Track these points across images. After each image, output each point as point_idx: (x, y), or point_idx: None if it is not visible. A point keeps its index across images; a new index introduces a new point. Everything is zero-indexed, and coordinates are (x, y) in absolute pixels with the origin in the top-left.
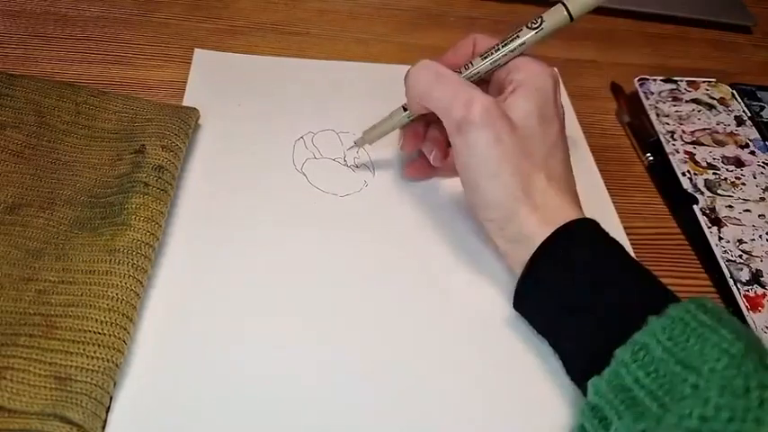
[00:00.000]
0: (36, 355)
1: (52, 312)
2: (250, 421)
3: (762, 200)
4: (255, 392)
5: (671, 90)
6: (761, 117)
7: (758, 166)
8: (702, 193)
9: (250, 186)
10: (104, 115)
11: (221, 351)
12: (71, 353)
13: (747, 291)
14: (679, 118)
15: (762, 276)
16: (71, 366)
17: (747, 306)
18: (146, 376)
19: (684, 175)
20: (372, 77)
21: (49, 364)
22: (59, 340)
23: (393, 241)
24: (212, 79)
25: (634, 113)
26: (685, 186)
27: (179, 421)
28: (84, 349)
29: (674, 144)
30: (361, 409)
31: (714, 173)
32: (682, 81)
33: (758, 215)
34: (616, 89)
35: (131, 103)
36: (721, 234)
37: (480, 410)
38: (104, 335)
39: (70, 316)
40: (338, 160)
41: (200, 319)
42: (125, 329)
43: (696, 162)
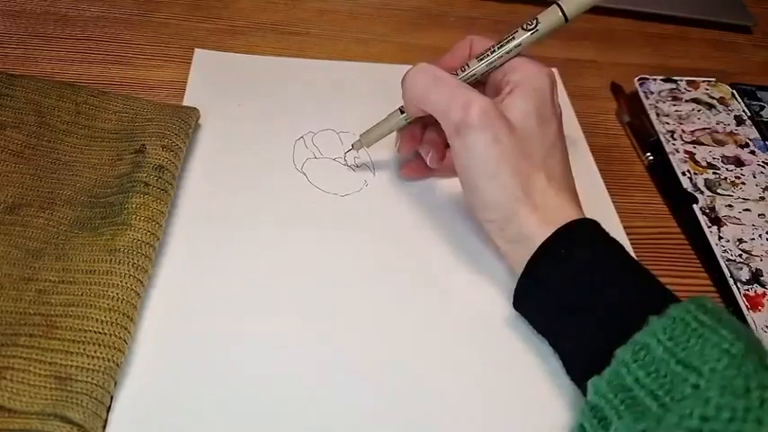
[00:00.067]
0: (36, 354)
1: (52, 312)
2: (250, 421)
3: (761, 199)
4: (256, 392)
5: (671, 90)
6: (761, 117)
7: (758, 165)
8: (702, 192)
9: (250, 186)
10: (104, 115)
11: (221, 351)
12: (71, 352)
13: (747, 290)
14: (679, 118)
15: (762, 276)
16: (71, 366)
17: (747, 305)
18: (146, 376)
19: (684, 174)
20: (373, 77)
21: (50, 363)
22: (60, 340)
23: (393, 241)
24: (212, 79)
25: (634, 113)
26: (685, 186)
27: (179, 421)
28: (85, 349)
29: (673, 144)
30: (361, 409)
31: (714, 172)
32: (681, 81)
33: (758, 214)
34: (616, 89)
35: (131, 103)
36: (721, 233)
37: (480, 410)
38: (105, 334)
39: (70, 316)
40: (338, 160)
41: (201, 319)
42: (126, 329)
43: (696, 162)
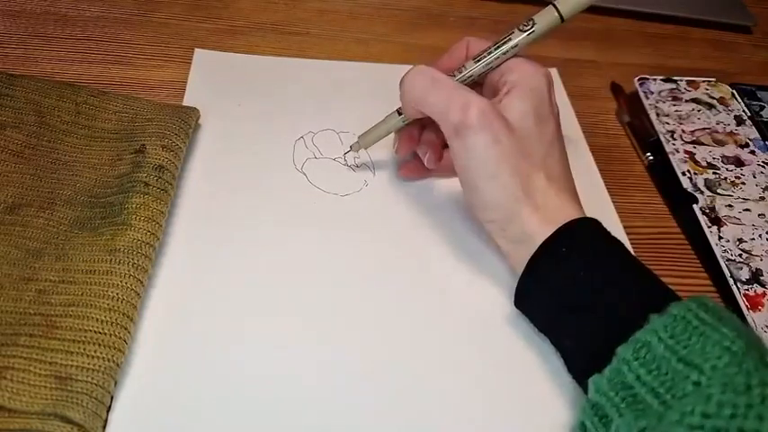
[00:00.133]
0: (36, 354)
1: (52, 312)
2: (250, 421)
3: (761, 199)
4: (256, 392)
5: (671, 90)
6: (761, 117)
7: (758, 165)
8: (702, 192)
9: (250, 186)
10: (104, 115)
11: (221, 351)
12: (72, 352)
13: (747, 290)
14: (679, 118)
15: (761, 275)
16: (72, 366)
17: (747, 305)
18: (146, 376)
19: (684, 174)
20: (373, 77)
21: (50, 363)
22: (60, 340)
23: (393, 241)
24: (212, 79)
25: (634, 113)
26: (685, 186)
27: (179, 421)
28: (85, 349)
29: (673, 144)
30: (361, 409)
31: (714, 172)
32: (681, 81)
33: (758, 214)
34: (616, 89)
35: (131, 103)
36: (721, 233)
37: (480, 410)
38: (105, 334)
39: (70, 316)
40: (338, 160)
41: (201, 319)
42: (126, 329)
43: (696, 162)
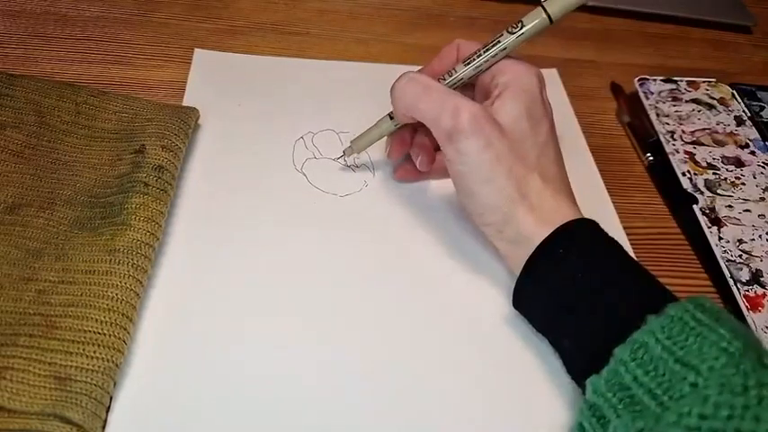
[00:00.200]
0: (36, 355)
1: (52, 312)
2: (250, 421)
3: (762, 200)
4: (255, 392)
5: (671, 90)
6: (761, 117)
7: (758, 166)
8: (702, 192)
9: (250, 186)
10: (104, 115)
11: (221, 351)
12: (71, 353)
13: (747, 291)
14: (679, 118)
15: (762, 276)
16: (71, 366)
17: (747, 306)
18: (146, 376)
19: (684, 175)
20: (372, 77)
21: (49, 364)
22: (59, 340)
23: (393, 241)
24: (212, 79)
25: (634, 113)
26: (685, 186)
27: (179, 421)
28: (84, 349)
29: (673, 144)
30: (361, 409)
31: (714, 173)
32: (682, 81)
33: (758, 215)
34: (616, 89)
35: (131, 103)
36: (721, 234)
37: (480, 410)
38: (104, 335)
39: (70, 316)
40: (338, 160)
41: (200, 319)
42: (125, 329)
43: (696, 162)
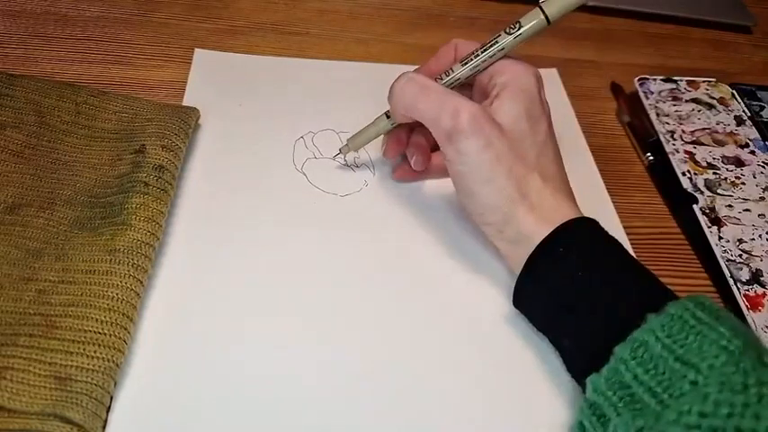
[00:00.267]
0: (36, 354)
1: (52, 312)
2: (250, 421)
3: (761, 199)
4: (255, 392)
5: (671, 90)
6: (761, 117)
7: (758, 165)
8: (702, 192)
9: (250, 186)
10: (104, 115)
11: (221, 351)
12: (71, 353)
13: (747, 290)
14: (679, 118)
15: (761, 276)
16: (71, 366)
17: (747, 305)
18: (146, 376)
19: (684, 174)
20: (372, 77)
21: (50, 363)
22: (59, 340)
23: (393, 241)
24: (212, 79)
25: (634, 113)
26: (685, 186)
27: (179, 421)
28: (85, 349)
29: (673, 144)
30: (361, 409)
31: (714, 172)
32: (681, 81)
33: (758, 215)
34: (616, 89)
35: (131, 103)
36: (721, 234)
37: (479, 410)
38: (105, 334)
39: (70, 316)
40: (338, 160)
41: (200, 319)
42: (125, 329)
43: (696, 162)
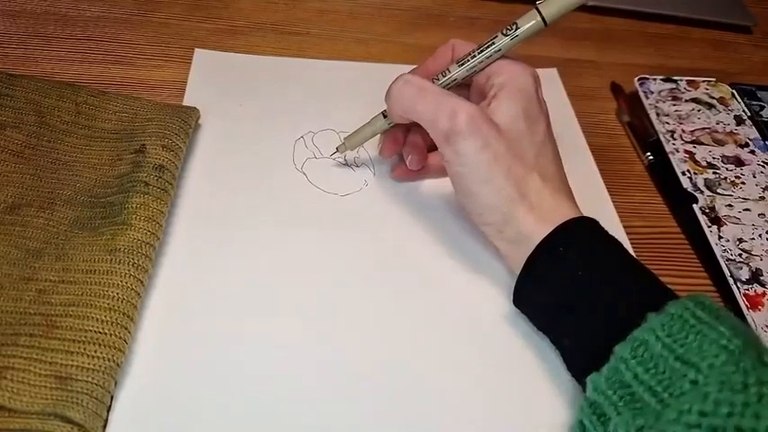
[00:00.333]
0: (36, 354)
1: (53, 312)
2: (250, 421)
3: (761, 199)
4: (255, 392)
5: (671, 89)
6: (760, 117)
7: (758, 165)
8: (702, 192)
9: (250, 186)
10: (104, 115)
11: (221, 351)
12: (72, 352)
13: (747, 290)
14: (679, 117)
15: (761, 275)
16: (72, 366)
17: (747, 305)
18: (146, 376)
19: (684, 174)
20: (372, 77)
21: (50, 363)
22: (60, 340)
23: (393, 241)
24: (212, 79)
25: (634, 113)
26: (685, 186)
27: (179, 420)
28: (85, 348)
29: (673, 143)
30: (361, 409)
31: (714, 172)
32: (681, 81)
33: (758, 214)
34: (616, 89)
35: (131, 103)
36: (721, 233)
37: (480, 410)
38: (105, 334)
39: (71, 315)
40: (339, 160)
41: (200, 318)
42: (126, 329)
43: (696, 161)
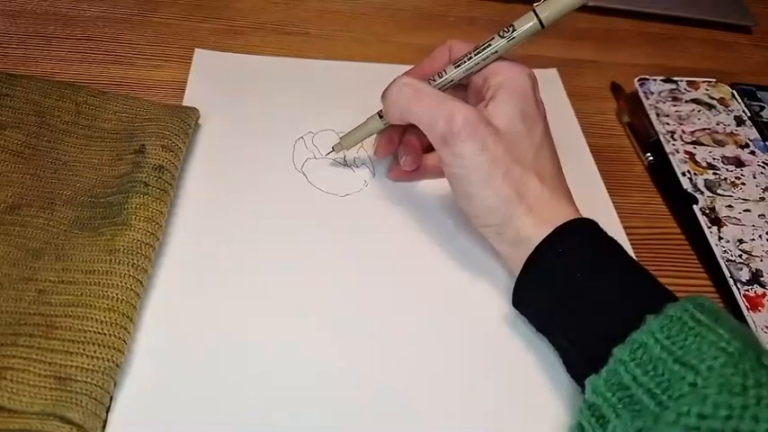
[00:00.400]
0: (36, 354)
1: (52, 312)
2: (250, 421)
3: (761, 200)
4: (256, 392)
5: (671, 90)
6: (761, 117)
7: (758, 165)
8: (702, 192)
9: (250, 186)
10: (104, 115)
11: (221, 351)
12: (71, 353)
13: (747, 290)
14: (679, 118)
15: (761, 276)
16: (71, 366)
17: (747, 306)
18: (146, 376)
19: (684, 174)
20: (372, 77)
21: (49, 363)
22: (59, 340)
23: (393, 241)
24: (212, 79)
25: (634, 113)
26: (685, 186)
27: (179, 421)
28: (85, 349)
29: (673, 144)
30: (362, 409)
31: (714, 173)
32: (682, 81)
33: (758, 215)
34: (616, 89)
35: (131, 103)
36: (721, 234)
37: (481, 410)
38: (104, 335)
39: (70, 316)
40: (338, 160)
41: (200, 318)
42: (125, 329)
43: (696, 162)
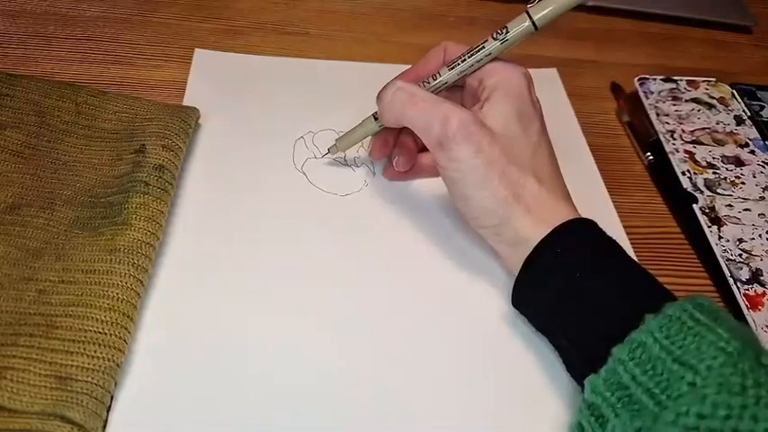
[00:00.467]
0: (36, 354)
1: (52, 312)
2: (250, 421)
3: (761, 199)
4: (256, 392)
5: (671, 89)
6: (760, 117)
7: (758, 165)
8: (702, 192)
9: (250, 186)
10: (104, 115)
11: (221, 351)
12: (72, 352)
13: (747, 290)
14: (679, 117)
15: (761, 275)
16: (72, 366)
17: (747, 305)
18: (146, 376)
19: (684, 174)
20: (372, 77)
21: (50, 363)
22: (60, 340)
23: (393, 241)
24: (212, 79)
25: (634, 113)
26: (685, 186)
27: (179, 420)
28: (85, 349)
29: (673, 143)
30: (361, 410)
31: (714, 172)
32: (681, 81)
33: (758, 214)
34: (616, 89)
35: (131, 102)
36: (721, 233)
37: (481, 410)
38: (105, 334)
39: (71, 315)
40: (338, 160)
41: (201, 318)
42: (126, 329)
43: (696, 161)
